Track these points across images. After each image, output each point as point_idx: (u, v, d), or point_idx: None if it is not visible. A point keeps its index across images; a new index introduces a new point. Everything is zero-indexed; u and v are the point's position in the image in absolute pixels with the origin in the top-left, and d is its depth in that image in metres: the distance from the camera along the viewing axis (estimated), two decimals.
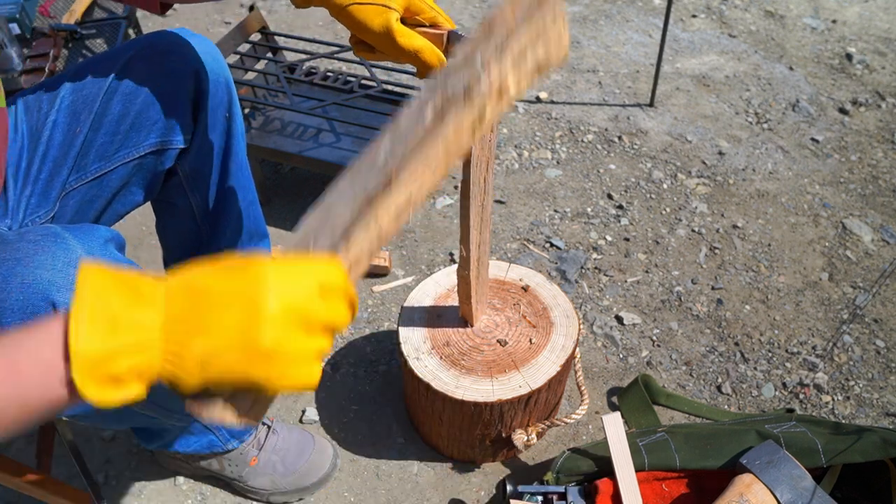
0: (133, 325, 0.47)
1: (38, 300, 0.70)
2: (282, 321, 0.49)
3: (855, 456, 1.00)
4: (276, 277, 0.50)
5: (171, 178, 1.16)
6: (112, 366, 0.46)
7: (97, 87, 1.01)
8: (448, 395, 1.08)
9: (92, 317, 0.46)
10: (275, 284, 0.49)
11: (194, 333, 0.48)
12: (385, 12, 0.78)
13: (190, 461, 1.19)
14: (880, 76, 2.26)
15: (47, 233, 0.74)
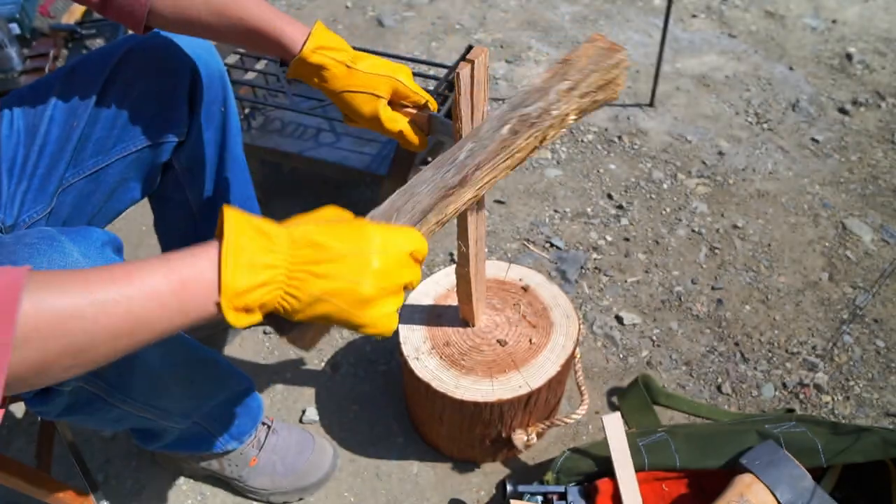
0: (266, 267, 0.58)
1: None
2: (381, 277, 0.62)
3: (855, 456, 1.00)
4: (380, 241, 0.63)
5: (167, 172, 1.16)
6: (247, 299, 0.57)
7: (94, 82, 1.01)
8: (448, 395, 1.08)
9: (237, 260, 0.57)
10: (378, 246, 0.62)
11: (312, 278, 0.60)
12: (374, 100, 0.91)
13: (190, 461, 1.19)
14: (880, 76, 2.26)
15: (43, 236, 0.74)
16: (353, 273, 0.61)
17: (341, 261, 0.61)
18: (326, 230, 0.62)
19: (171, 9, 0.93)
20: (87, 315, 0.53)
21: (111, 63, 1.01)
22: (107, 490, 1.24)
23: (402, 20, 2.56)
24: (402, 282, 0.65)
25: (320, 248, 0.60)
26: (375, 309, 0.63)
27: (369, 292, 0.62)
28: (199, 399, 1.02)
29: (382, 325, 0.64)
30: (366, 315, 0.62)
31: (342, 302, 0.61)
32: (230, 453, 1.16)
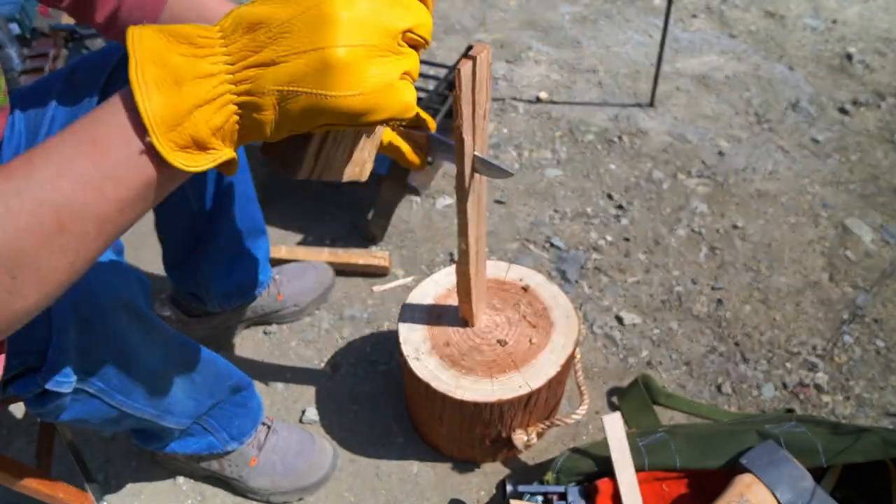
0: (198, 77, 0.43)
1: None
2: (355, 28, 0.43)
3: (855, 456, 1.00)
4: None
5: None
6: (189, 127, 0.43)
7: (95, 82, 1.01)
8: (448, 395, 1.08)
9: (156, 78, 0.43)
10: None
11: (263, 70, 0.43)
12: None
13: (189, 461, 1.19)
14: (880, 76, 2.26)
15: None
16: (311, 35, 0.43)
17: (290, 28, 0.43)
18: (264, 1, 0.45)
19: None
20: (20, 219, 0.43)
21: (112, 63, 1.01)
22: (107, 490, 1.24)
23: None
24: (396, 26, 0.45)
25: (260, 27, 0.44)
26: (365, 78, 0.44)
27: (342, 55, 0.43)
28: (198, 399, 1.02)
29: (387, 99, 0.45)
30: (354, 92, 0.44)
31: (312, 84, 0.43)
32: (230, 453, 1.16)
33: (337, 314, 1.54)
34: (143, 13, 0.92)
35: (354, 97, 0.44)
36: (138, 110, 0.43)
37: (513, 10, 2.63)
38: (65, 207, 0.43)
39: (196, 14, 0.94)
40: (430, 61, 1.87)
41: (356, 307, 1.55)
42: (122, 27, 0.92)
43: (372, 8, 0.44)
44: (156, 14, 0.93)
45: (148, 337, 0.84)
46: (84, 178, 0.44)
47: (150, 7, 0.92)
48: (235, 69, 0.44)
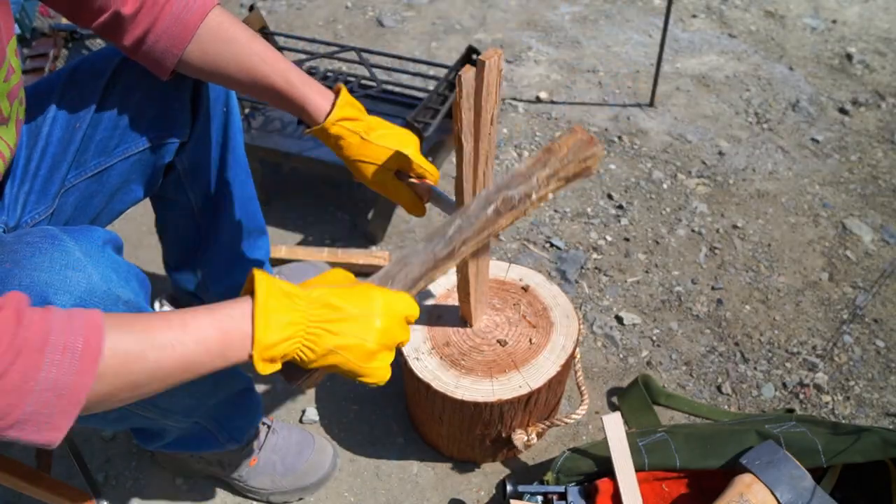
0: (289, 325, 0.69)
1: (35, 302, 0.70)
2: (383, 335, 0.74)
3: (855, 456, 1.00)
4: (382, 304, 0.75)
5: (170, 173, 1.16)
6: (273, 351, 0.68)
7: (96, 83, 1.01)
8: (448, 395, 1.08)
9: (267, 318, 0.67)
10: (381, 309, 0.74)
11: (327, 334, 0.71)
12: (382, 171, 1.01)
13: (190, 461, 1.19)
14: (880, 76, 2.26)
15: (45, 235, 0.74)
16: (361, 331, 0.72)
17: (351, 320, 0.72)
18: (339, 293, 0.73)
19: (201, 61, 0.97)
20: (149, 357, 0.62)
21: (113, 64, 1.01)
22: (107, 490, 1.24)
23: (402, 20, 2.56)
24: (398, 340, 0.76)
25: (334, 309, 0.72)
26: (376, 362, 0.74)
27: (373, 348, 0.73)
28: (199, 398, 1.02)
29: (379, 375, 0.76)
30: (368, 367, 0.74)
31: (351, 355, 0.72)
32: (230, 453, 1.16)
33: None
34: (171, 42, 0.94)
35: (365, 367, 0.74)
36: (253, 336, 0.67)
37: (513, 10, 2.63)
38: (191, 363, 0.65)
39: (226, 48, 0.96)
40: (430, 61, 1.87)
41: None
42: (147, 51, 0.94)
43: (392, 326, 0.75)
44: (183, 44, 0.94)
45: None
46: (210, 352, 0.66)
47: (179, 38, 0.94)
48: (311, 326, 0.70)
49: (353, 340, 0.72)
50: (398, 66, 2.15)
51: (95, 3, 0.90)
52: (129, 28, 0.92)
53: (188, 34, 0.94)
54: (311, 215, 1.77)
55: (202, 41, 0.95)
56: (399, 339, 0.77)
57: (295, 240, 1.72)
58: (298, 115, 1.01)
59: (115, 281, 0.77)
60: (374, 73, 1.80)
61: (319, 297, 0.72)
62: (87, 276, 0.73)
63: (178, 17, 0.93)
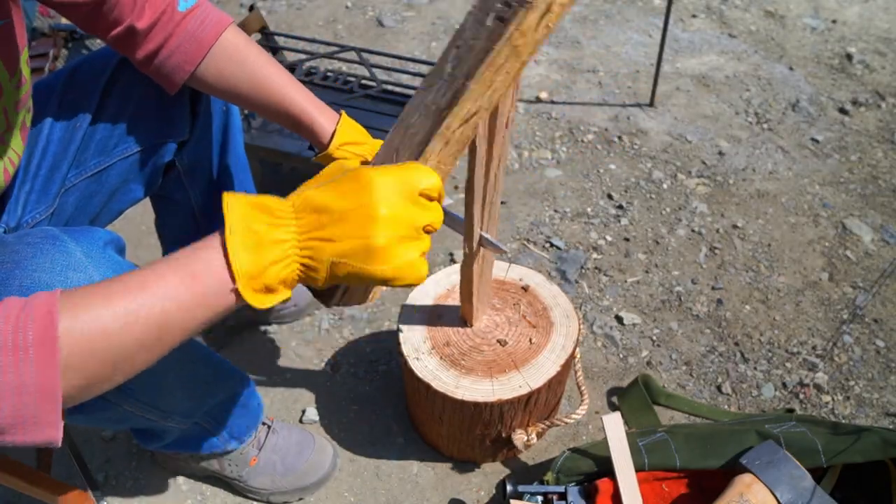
0: (274, 242, 0.59)
1: None
2: (391, 224, 0.60)
3: (855, 456, 1.00)
4: (383, 186, 0.61)
5: (169, 172, 1.16)
6: (265, 278, 0.58)
7: (97, 82, 1.01)
8: (448, 395, 1.08)
9: (244, 241, 0.58)
10: (382, 193, 0.60)
11: (322, 244, 0.60)
12: None
13: (190, 461, 1.19)
14: (880, 76, 2.26)
15: (46, 235, 0.74)
16: (361, 227, 0.60)
17: (346, 219, 0.60)
18: (327, 190, 0.61)
19: (215, 79, 0.97)
20: (111, 330, 0.55)
21: (113, 64, 1.01)
22: (107, 490, 1.24)
23: (402, 20, 2.56)
24: (419, 223, 0.62)
25: (323, 212, 0.60)
26: (395, 259, 0.61)
27: (382, 243, 0.60)
28: (199, 398, 1.02)
29: (409, 273, 0.62)
30: (387, 268, 0.61)
31: (358, 261, 0.60)
32: (230, 453, 1.16)
33: (337, 314, 1.54)
34: (183, 58, 0.94)
35: (385, 270, 0.61)
36: (230, 265, 0.57)
37: None
38: (165, 324, 0.57)
39: (240, 69, 0.97)
40: (430, 61, 1.87)
41: (356, 307, 1.55)
42: (158, 66, 0.95)
43: (403, 209, 0.61)
44: (196, 61, 0.95)
45: None
46: (184, 305, 0.57)
47: (192, 55, 0.94)
48: (302, 238, 0.60)
49: (354, 242, 0.60)
50: (398, 66, 2.15)
51: (110, 15, 0.90)
52: (142, 42, 0.93)
53: (202, 52, 0.95)
54: None
55: (217, 60, 0.96)
56: (421, 220, 0.62)
57: None
58: (307, 138, 1.02)
59: None
60: (374, 73, 1.80)
61: (305, 201, 0.61)
62: (88, 277, 0.73)
63: (192, 34, 0.94)
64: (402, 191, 0.61)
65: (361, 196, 0.60)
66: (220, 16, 0.97)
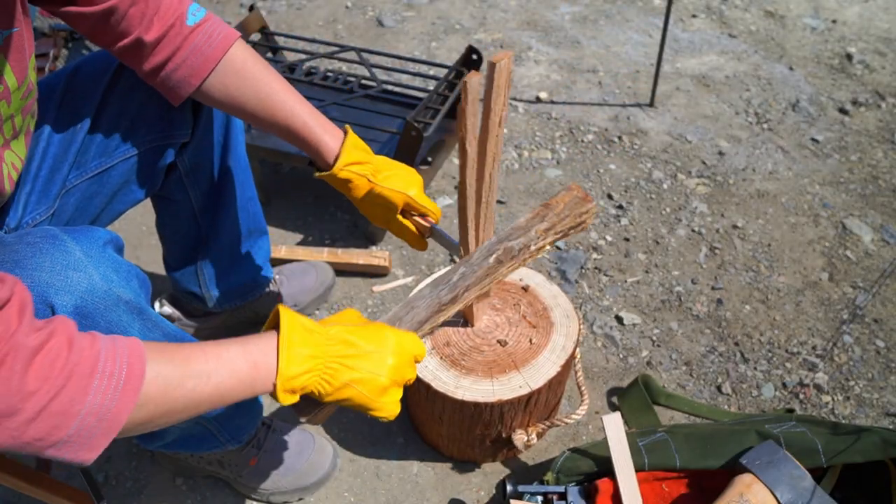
0: (310, 358, 0.73)
1: (36, 302, 0.70)
2: (394, 372, 0.78)
3: (855, 456, 1.00)
4: (395, 343, 0.79)
5: (171, 173, 1.16)
6: (295, 382, 0.73)
7: (98, 83, 1.01)
8: (448, 396, 1.08)
9: (290, 351, 0.72)
10: (394, 347, 0.79)
11: (343, 368, 0.75)
12: (388, 211, 1.07)
13: (190, 461, 1.19)
14: (880, 76, 2.26)
15: (46, 235, 0.74)
16: (376, 367, 0.77)
17: (366, 356, 0.76)
18: (354, 331, 0.78)
19: (221, 94, 0.98)
20: (186, 386, 0.66)
21: (115, 65, 1.01)
22: (107, 490, 1.24)
23: (402, 20, 2.56)
24: (406, 377, 0.80)
25: (350, 345, 0.76)
26: (387, 397, 0.79)
27: (386, 383, 0.77)
28: None
29: (390, 409, 0.80)
30: (380, 401, 0.78)
31: (365, 389, 0.76)
32: (230, 453, 1.16)
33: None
34: (190, 72, 0.95)
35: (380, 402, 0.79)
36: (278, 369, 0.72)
37: (513, 9, 2.63)
38: (223, 393, 0.69)
39: (246, 85, 0.98)
40: (430, 61, 1.87)
41: (356, 307, 1.55)
42: (164, 79, 0.95)
43: (402, 364, 0.80)
44: (202, 76, 0.96)
45: (149, 332, 0.84)
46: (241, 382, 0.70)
47: (199, 69, 0.95)
48: (329, 361, 0.75)
49: (368, 375, 0.76)
50: (398, 66, 2.15)
51: (118, 27, 0.90)
52: (149, 55, 0.93)
53: (208, 66, 0.95)
54: (311, 215, 1.77)
55: (223, 75, 0.97)
56: (407, 377, 0.80)
57: (295, 240, 1.72)
58: (311, 155, 1.03)
59: (115, 281, 0.77)
60: (374, 73, 1.80)
61: (337, 333, 0.76)
62: (87, 277, 0.73)
63: (199, 48, 0.94)
64: (405, 351, 0.80)
65: (381, 344, 0.78)
66: (228, 31, 0.97)
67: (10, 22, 0.80)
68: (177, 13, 0.93)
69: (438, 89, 1.66)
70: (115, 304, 0.77)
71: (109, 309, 0.77)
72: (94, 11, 0.88)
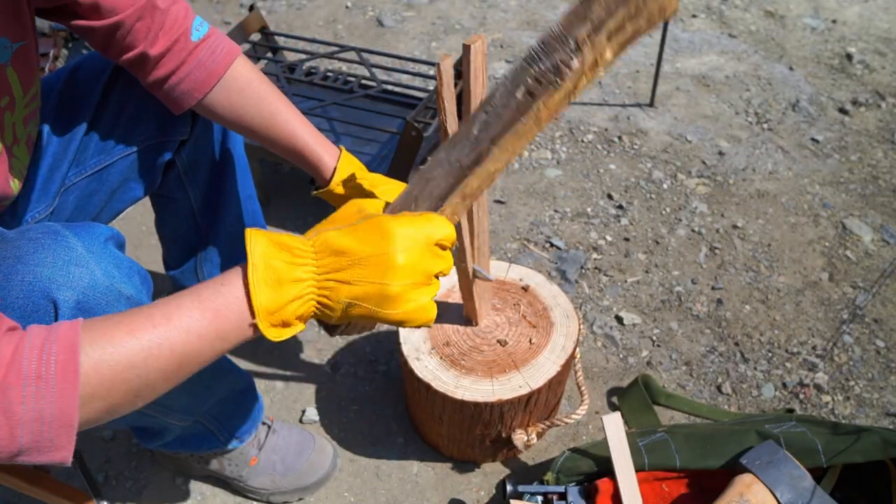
0: (294, 281, 0.62)
1: (38, 298, 0.70)
2: (407, 272, 0.63)
3: (855, 456, 1.00)
4: (402, 235, 0.64)
5: (169, 171, 1.16)
6: (283, 314, 0.62)
7: (97, 82, 1.01)
8: (448, 395, 1.08)
9: (265, 278, 0.61)
10: (400, 242, 0.63)
11: (340, 286, 0.63)
12: None
13: (190, 461, 1.19)
14: (880, 76, 2.26)
15: (48, 231, 0.74)
16: (378, 274, 0.63)
17: (365, 263, 0.63)
18: (347, 234, 0.64)
19: (224, 109, 1.00)
20: (137, 363, 0.59)
21: (114, 63, 1.01)
22: (107, 490, 1.24)
23: (402, 20, 2.56)
24: (432, 271, 0.65)
25: (343, 254, 0.63)
26: (408, 304, 0.64)
27: (397, 290, 0.63)
28: (199, 396, 1.02)
29: (418, 316, 0.66)
30: (399, 312, 0.64)
31: (373, 304, 0.64)
32: (230, 453, 1.16)
33: None
34: (192, 86, 0.96)
35: (398, 314, 0.65)
36: (251, 301, 0.61)
37: (513, 9, 2.63)
38: (186, 356, 0.61)
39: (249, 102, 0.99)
40: (430, 61, 1.87)
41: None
42: (167, 91, 0.97)
43: (419, 258, 0.64)
44: (204, 90, 0.97)
45: None
46: (204, 337, 0.61)
47: (202, 84, 0.96)
48: (320, 279, 0.63)
49: (371, 287, 0.63)
50: (398, 66, 2.15)
51: (124, 41, 0.92)
52: (153, 68, 0.95)
53: (211, 81, 0.97)
54: (310, 215, 1.77)
55: (226, 90, 0.98)
56: (433, 270, 0.66)
57: None
58: (311, 173, 1.05)
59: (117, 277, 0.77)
60: (374, 73, 1.80)
61: (325, 242, 0.64)
62: (89, 272, 0.73)
63: (203, 63, 0.96)
64: (420, 241, 0.65)
65: (381, 244, 0.63)
66: (231, 46, 0.99)
67: (22, 34, 0.82)
68: (181, 28, 0.94)
69: None
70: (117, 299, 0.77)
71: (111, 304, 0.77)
72: (102, 25, 0.89)
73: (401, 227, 0.64)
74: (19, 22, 0.80)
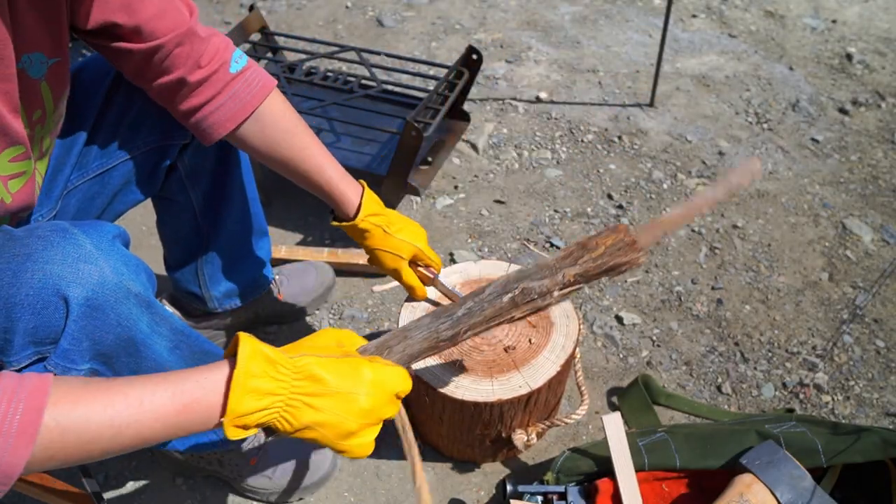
0: (268, 394, 0.66)
1: (48, 295, 0.71)
2: (366, 414, 0.71)
3: (855, 456, 1.00)
4: (371, 381, 0.71)
5: (171, 173, 1.16)
6: (248, 420, 0.66)
7: (99, 84, 1.01)
8: (448, 395, 1.08)
9: (245, 385, 0.65)
10: (368, 386, 0.71)
11: (306, 408, 0.68)
12: (398, 260, 1.10)
13: (190, 461, 1.19)
14: (880, 76, 2.26)
15: (56, 228, 0.75)
16: (342, 409, 0.69)
17: (334, 396, 0.69)
18: (327, 366, 0.70)
19: (257, 141, 1.01)
20: (103, 437, 0.62)
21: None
22: (107, 490, 1.24)
23: (402, 20, 2.56)
24: (384, 416, 0.74)
25: (318, 382, 0.69)
26: (357, 439, 0.72)
27: (353, 427, 0.70)
28: None
29: (361, 451, 0.73)
30: (346, 444, 0.71)
31: (328, 432, 0.69)
32: (230, 453, 1.16)
33: (337, 314, 1.54)
34: (225, 116, 0.97)
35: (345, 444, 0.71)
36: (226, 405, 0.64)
37: (513, 9, 2.63)
38: (148, 439, 0.64)
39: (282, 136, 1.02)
40: (430, 61, 1.87)
41: (356, 307, 1.55)
42: (198, 120, 0.98)
43: (379, 405, 0.72)
44: (237, 122, 0.98)
45: (156, 326, 0.85)
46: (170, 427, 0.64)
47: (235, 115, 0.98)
48: (291, 396, 0.67)
49: (333, 418, 0.69)
50: (398, 66, 2.15)
51: (162, 64, 0.92)
52: (187, 95, 0.95)
53: (245, 113, 0.98)
54: (311, 215, 1.77)
55: (259, 123, 1.00)
56: (386, 415, 0.74)
57: (295, 240, 1.72)
58: (332, 206, 1.09)
59: (125, 274, 0.78)
60: (374, 73, 1.80)
61: (305, 366, 0.69)
62: (99, 269, 0.74)
63: (239, 95, 0.97)
64: (385, 390, 0.73)
65: (354, 384, 0.70)
66: (266, 80, 1.00)
67: (58, 51, 0.83)
68: (222, 59, 0.95)
69: (438, 89, 1.66)
70: (126, 296, 0.77)
71: (120, 302, 0.77)
72: (141, 49, 0.89)
73: (374, 374, 0.72)
74: (56, 38, 0.81)
